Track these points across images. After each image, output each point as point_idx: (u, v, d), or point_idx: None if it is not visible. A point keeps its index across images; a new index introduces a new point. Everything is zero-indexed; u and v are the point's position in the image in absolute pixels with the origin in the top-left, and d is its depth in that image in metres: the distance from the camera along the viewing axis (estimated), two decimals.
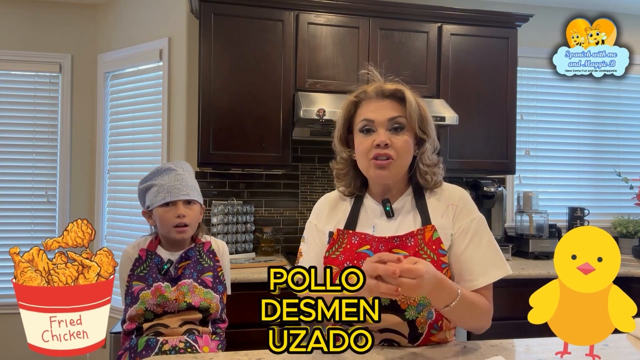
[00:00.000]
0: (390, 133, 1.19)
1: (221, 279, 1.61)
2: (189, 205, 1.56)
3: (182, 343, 1.42)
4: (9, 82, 3.15)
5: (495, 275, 1.19)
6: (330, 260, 1.22)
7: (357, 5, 2.61)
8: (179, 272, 1.54)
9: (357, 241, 1.22)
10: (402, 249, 1.18)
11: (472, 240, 1.20)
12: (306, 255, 1.31)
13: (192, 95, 2.69)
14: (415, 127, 1.20)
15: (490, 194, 2.79)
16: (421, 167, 1.23)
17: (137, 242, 1.63)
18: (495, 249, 1.22)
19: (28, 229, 3.14)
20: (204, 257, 1.60)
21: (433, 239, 1.18)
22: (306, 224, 1.36)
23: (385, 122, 1.19)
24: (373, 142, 1.18)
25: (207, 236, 1.69)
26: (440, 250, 1.18)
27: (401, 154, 1.19)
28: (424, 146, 1.23)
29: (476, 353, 1.13)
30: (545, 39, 2.63)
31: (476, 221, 1.22)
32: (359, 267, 0.95)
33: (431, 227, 1.19)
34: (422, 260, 1.02)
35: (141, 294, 1.49)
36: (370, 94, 1.23)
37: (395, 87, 1.22)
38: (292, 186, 2.91)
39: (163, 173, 1.57)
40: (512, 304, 2.28)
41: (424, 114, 1.22)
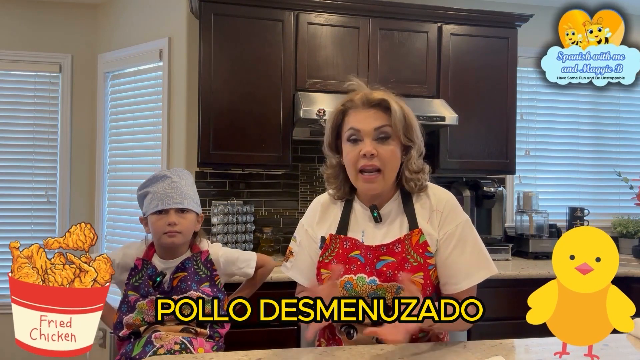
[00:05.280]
0: (377, 142, 1.21)
1: (219, 287, 1.59)
2: (182, 214, 1.54)
3: (177, 345, 1.42)
4: (9, 82, 3.15)
5: (479, 277, 1.24)
6: (324, 264, 1.28)
7: (357, 5, 2.60)
8: (173, 284, 1.52)
9: (349, 246, 1.26)
10: (389, 256, 1.23)
11: (457, 246, 1.24)
12: (297, 256, 1.36)
13: (192, 95, 2.69)
14: (400, 136, 1.23)
15: (490, 194, 2.79)
16: (406, 173, 1.26)
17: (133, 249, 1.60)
18: (479, 251, 1.26)
19: (28, 229, 3.14)
20: (200, 267, 1.57)
21: (420, 242, 1.22)
22: (299, 224, 1.40)
23: (371, 132, 1.22)
24: (360, 152, 1.21)
25: (206, 242, 1.66)
26: (426, 253, 1.22)
27: (387, 163, 1.22)
28: (409, 153, 1.26)
29: (476, 353, 1.13)
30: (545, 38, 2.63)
31: (461, 226, 1.26)
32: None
33: (418, 230, 1.23)
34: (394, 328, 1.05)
35: (138, 304, 1.49)
36: (356, 103, 1.25)
37: (381, 96, 1.24)
38: (292, 186, 2.91)
39: (159, 180, 1.55)
40: (512, 304, 2.28)
41: (409, 122, 1.24)
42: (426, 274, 1.21)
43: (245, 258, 1.70)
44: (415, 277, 1.21)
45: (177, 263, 1.55)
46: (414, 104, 2.56)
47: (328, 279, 1.20)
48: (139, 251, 1.59)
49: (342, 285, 1.25)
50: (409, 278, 1.17)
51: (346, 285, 1.24)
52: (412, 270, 1.20)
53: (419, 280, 1.21)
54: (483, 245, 1.28)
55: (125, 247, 1.64)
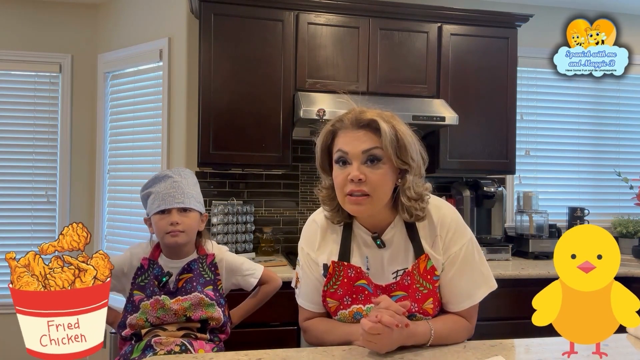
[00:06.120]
0: (366, 166, 1.14)
1: (221, 293, 1.59)
2: (184, 213, 1.53)
3: (177, 347, 1.42)
4: (9, 82, 3.15)
5: (480, 295, 1.24)
6: (329, 294, 1.25)
7: (357, 5, 2.60)
8: (179, 285, 1.52)
9: (354, 275, 1.23)
10: (401, 291, 1.21)
11: (460, 268, 1.23)
12: (302, 281, 1.32)
13: (192, 95, 2.69)
14: (393, 158, 1.14)
15: (490, 194, 2.78)
16: (404, 200, 1.17)
17: (139, 248, 1.60)
18: (481, 270, 1.25)
19: (28, 229, 3.14)
20: (206, 270, 1.57)
21: (427, 268, 1.20)
22: (298, 248, 1.34)
23: (359, 155, 1.14)
24: (347, 175, 1.14)
25: (212, 243, 1.65)
26: (434, 277, 1.21)
27: (376, 188, 1.14)
28: (404, 177, 1.17)
29: (476, 353, 1.13)
30: (545, 39, 2.63)
31: (465, 247, 1.23)
32: None
33: (425, 256, 1.21)
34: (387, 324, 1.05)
35: (142, 304, 1.49)
36: (346, 124, 1.17)
37: (371, 116, 1.15)
38: (292, 186, 2.91)
39: (160, 180, 1.55)
40: (512, 304, 2.28)
41: (403, 143, 1.14)
42: (435, 298, 1.21)
43: (250, 267, 1.68)
44: (426, 305, 1.21)
45: (183, 264, 1.55)
46: (414, 104, 2.56)
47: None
48: (145, 251, 1.59)
49: (352, 316, 1.24)
50: (407, 306, 1.13)
51: (355, 316, 1.23)
52: (423, 298, 1.19)
53: (429, 307, 1.21)
54: (485, 261, 1.27)
55: (131, 247, 1.63)
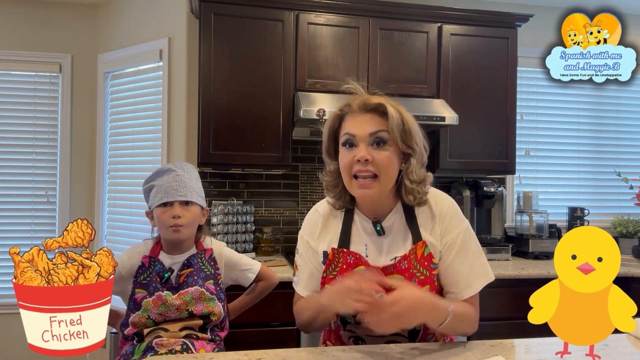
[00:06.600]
0: (372, 148, 1.17)
1: (221, 287, 1.60)
2: (186, 207, 1.54)
3: (179, 346, 1.42)
4: (9, 82, 3.15)
5: (479, 285, 1.24)
6: (328, 280, 1.26)
7: (357, 5, 2.60)
8: (180, 280, 1.53)
9: (353, 261, 1.24)
10: (397, 274, 1.22)
11: (458, 255, 1.23)
12: (301, 270, 1.34)
13: (192, 95, 2.69)
14: (398, 142, 1.18)
15: (490, 194, 2.79)
16: (407, 183, 1.21)
17: (138, 249, 1.60)
18: (479, 260, 1.26)
19: (28, 229, 3.14)
20: (205, 265, 1.58)
21: (425, 255, 1.21)
22: (299, 237, 1.36)
23: (366, 137, 1.18)
24: (354, 157, 1.17)
25: (210, 239, 1.67)
26: (431, 264, 1.22)
27: (383, 169, 1.17)
28: (409, 161, 1.21)
29: (476, 353, 1.13)
30: (546, 39, 2.63)
31: (462, 234, 1.24)
32: None
33: (422, 243, 1.22)
34: (411, 289, 1.06)
35: (144, 301, 1.49)
36: (354, 108, 1.22)
37: (378, 101, 1.20)
38: (292, 186, 2.91)
39: (163, 174, 1.56)
40: (512, 304, 2.29)
41: (408, 128, 1.19)
42: (432, 285, 1.21)
43: (248, 262, 1.70)
44: None
45: (183, 259, 1.56)
46: (414, 104, 2.56)
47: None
48: (146, 249, 1.59)
49: None
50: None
51: None
52: (420, 284, 1.20)
53: None
54: (482, 251, 1.28)
55: (129, 250, 1.63)
